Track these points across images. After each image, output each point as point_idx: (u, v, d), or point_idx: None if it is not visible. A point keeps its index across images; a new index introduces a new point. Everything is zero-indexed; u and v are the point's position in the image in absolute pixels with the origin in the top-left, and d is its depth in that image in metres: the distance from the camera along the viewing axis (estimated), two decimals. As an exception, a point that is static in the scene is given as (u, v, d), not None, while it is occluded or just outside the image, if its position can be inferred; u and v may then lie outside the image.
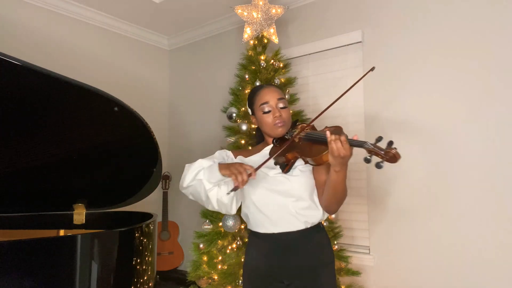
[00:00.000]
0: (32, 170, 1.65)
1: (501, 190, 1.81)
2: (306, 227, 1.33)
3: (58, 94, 1.44)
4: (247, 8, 2.23)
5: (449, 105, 1.97)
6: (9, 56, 1.23)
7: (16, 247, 1.26)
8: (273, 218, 1.34)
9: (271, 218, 1.35)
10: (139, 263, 1.59)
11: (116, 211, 2.05)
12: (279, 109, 1.39)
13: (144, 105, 3.20)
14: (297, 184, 1.33)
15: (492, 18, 1.87)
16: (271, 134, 1.42)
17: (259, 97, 1.42)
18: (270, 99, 1.39)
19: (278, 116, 1.37)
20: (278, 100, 1.40)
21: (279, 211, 1.33)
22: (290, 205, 1.32)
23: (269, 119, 1.38)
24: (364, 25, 2.32)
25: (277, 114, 1.37)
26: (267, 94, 1.41)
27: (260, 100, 1.41)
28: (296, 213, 1.32)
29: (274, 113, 1.38)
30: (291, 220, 1.32)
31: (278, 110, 1.38)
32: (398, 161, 1.00)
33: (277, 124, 1.37)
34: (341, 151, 1.08)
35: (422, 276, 2.01)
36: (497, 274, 1.80)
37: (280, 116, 1.37)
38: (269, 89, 1.43)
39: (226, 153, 1.47)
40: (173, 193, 3.37)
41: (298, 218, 1.32)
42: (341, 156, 1.09)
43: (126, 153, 1.76)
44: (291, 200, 1.32)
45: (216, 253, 1.99)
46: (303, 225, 1.33)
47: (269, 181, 1.35)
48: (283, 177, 1.34)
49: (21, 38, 2.53)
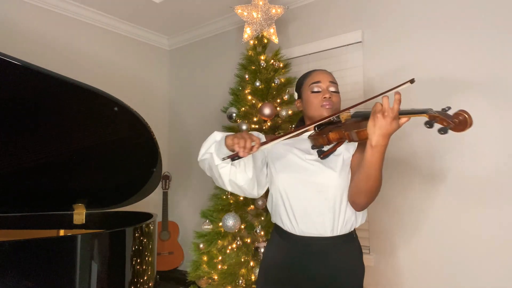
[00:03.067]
0: (32, 170, 1.65)
1: (503, 189, 1.81)
2: (337, 234, 1.16)
3: (58, 94, 1.44)
4: (247, 8, 2.23)
5: (449, 105, 1.97)
6: (9, 56, 1.23)
7: (16, 247, 1.25)
8: (298, 216, 1.17)
9: (296, 215, 1.17)
10: (139, 263, 1.59)
11: (116, 211, 2.05)
12: (330, 92, 1.27)
13: (144, 105, 3.20)
14: (337, 179, 1.14)
15: (492, 18, 1.87)
16: (315, 115, 1.25)
17: (311, 77, 1.31)
18: (322, 79, 1.28)
19: (328, 98, 1.24)
20: (330, 83, 1.28)
21: (307, 208, 1.16)
22: (322, 203, 1.14)
23: (317, 99, 1.25)
24: (364, 25, 2.32)
25: (327, 95, 1.25)
26: (320, 75, 1.30)
27: (311, 79, 1.30)
28: (327, 214, 1.14)
29: (324, 94, 1.25)
30: (320, 222, 1.15)
31: (328, 92, 1.26)
32: (468, 128, 0.85)
33: (325, 105, 1.23)
34: (388, 111, 0.93)
35: (422, 276, 2.01)
36: (498, 273, 1.79)
37: (329, 98, 1.24)
38: (322, 71, 1.33)
39: (259, 134, 1.29)
40: (173, 193, 3.37)
41: (328, 221, 1.14)
42: (384, 117, 0.94)
43: (126, 153, 1.76)
44: (325, 197, 1.14)
45: (216, 253, 1.99)
46: (332, 232, 1.15)
47: (302, 168, 1.18)
48: (321, 165, 1.16)
49: (21, 38, 2.53)
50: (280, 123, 2.14)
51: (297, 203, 1.18)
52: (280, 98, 2.17)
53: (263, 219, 1.96)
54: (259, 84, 2.13)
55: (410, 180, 2.08)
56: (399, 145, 2.11)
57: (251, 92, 2.17)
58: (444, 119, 0.88)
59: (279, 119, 2.14)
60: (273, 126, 2.13)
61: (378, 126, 0.97)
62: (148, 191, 1.93)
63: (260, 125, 2.14)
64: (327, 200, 1.15)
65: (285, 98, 2.16)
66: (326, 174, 1.16)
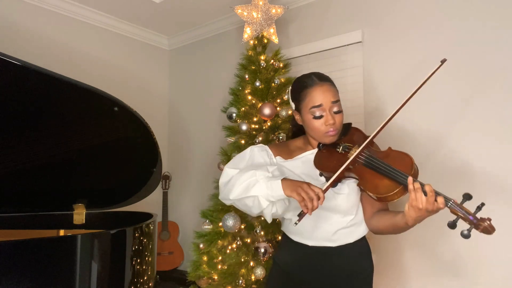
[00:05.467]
0: (32, 170, 1.65)
1: (502, 189, 1.80)
2: (345, 243, 1.21)
3: (58, 94, 1.44)
4: (247, 8, 2.23)
5: (449, 105, 1.97)
6: (9, 56, 1.23)
7: (16, 247, 1.26)
8: (310, 232, 1.22)
9: (309, 231, 1.22)
10: (139, 263, 1.59)
11: (116, 211, 2.05)
12: (332, 114, 1.15)
13: (144, 105, 3.20)
14: (345, 203, 1.18)
15: (492, 18, 1.87)
16: (318, 140, 1.22)
17: (310, 97, 1.17)
18: (324, 101, 1.15)
19: (332, 124, 1.15)
20: (333, 104, 1.16)
21: (320, 226, 1.20)
22: (334, 222, 1.19)
23: (321, 126, 1.16)
24: (364, 25, 2.32)
25: (331, 121, 1.14)
26: (321, 95, 1.15)
27: (311, 101, 1.16)
28: (338, 231, 1.19)
29: (327, 120, 1.15)
30: (331, 237, 1.20)
31: (331, 116, 1.15)
32: (492, 234, 0.84)
33: (329, 133, 1.16)
34: (427, 205, 0.92)
35: (423, 276, 2.01)
36: (498, 273, 1.79)
37: (333, 124, 1.15)
38: (323, 87, 1.17)
39: (267, 152, 1.26)
40: (173, 193, 3.37)
41: (339, 236, 1.20)
42: (427, 211, 0.93)
43: (126, 153, 1.76)
44: (336, 217, 1.19)
45: (216, 253, 1.99)
46: (342, 242, 1.21)
47: None
48: (329, 191, 1.15)
49: (21, 38, 2.53)
50: (280, 123, 2.14)
51: (311, 224, 1.21)
52: (280, 98, 2.17)
53: (263, 219, 1.96)
54: (259, 84, 2.13)
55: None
56: (401, 145, 2.10)
57: (251, 92, 2.17)
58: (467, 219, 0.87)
59: (279, 119, 2.14)
60: (273, 126, 2.13)
61: (418, 215, 0.98)
62: (148, 191, 1.93)
63: (260, 125, 2.14)
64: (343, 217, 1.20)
65: (285, 98, 2.16)
66: (338, 199, 1.18)
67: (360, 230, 1.24)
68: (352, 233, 1.22)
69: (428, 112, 2.02)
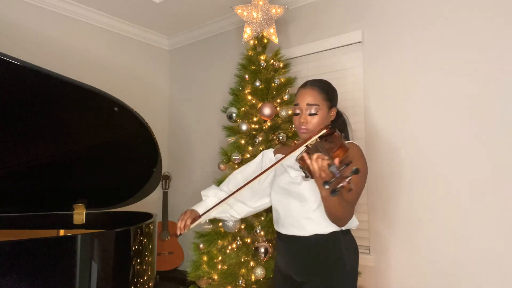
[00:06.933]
0: (32, 170, 1.65)
1: (501, 191, 1.81)
2: (316, 233, 1.30)
3: (58, 94, 1.44)
4: (247, 8, 2.23)
5: (450, 105, 1.97)
6: (9, 56, 1.24)
7: (16, 247, 1.26)
8: (282, 219, 1.37)
9: (281, 219, 1.38)
10: (139, 263, 1.59)
11: (116, 211, 2.05)
12: (305, 115, 1.35)
13: (144, 105, 3.20)
14: (308, 191, 1.30)
15: (492, 18, 1.87)
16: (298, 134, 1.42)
17: (296, 95, 1.41)
18: (301, 101, 1.37)
19: (303, 122, 1.35)
20: (308, 106, 1.35)
21: (288, 213, 1.34)
22: (299, 209, 1.31)
23: (296, 121, 1.39)
24: (364, 25, 2.32)
25: (302, 120, 1.35)
26: (300, 96, 1.38)
27: (295, 99, 1.41)
28: (303, 219, 1.30)
29: (300, 118, 1.36)
30: (297, 224, 1.32)
31: (305, 116, 1.35)
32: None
33: (301, 130, 1.36)
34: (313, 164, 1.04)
35: (423, 276, 2.01)
36: (499, 274, 1.79)
37: (305, 122, 1.35)
38: (304, 90, 1.39)
39: (263, 155, 1.55)
40: (173, 193, 3.37)
41: (304, 224, 1.30)
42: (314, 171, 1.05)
43: (126, 153, 1.76)
44: (302, 205, 1.31)
45: (216, 253, 1.99)
46: (311, 232, 1.30)
47: (287, 181, 1.37)
48: (301, 180, 1.32)
49: (21, 38, 2.53)
50: (280, 123, 2.14)
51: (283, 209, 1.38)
52: (280, 98, 2.17)
53: (263, 219, 1.96)
54: (259, 84, 2.13)
55: (411, 179, 2.08)
56: (401, 144, 2.11)
57: (251, 92, 2.17)
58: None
59: (279, 119, 2.14)
60: (273, 126, 2.13)
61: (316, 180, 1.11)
62: (148, 191, 1.93)
63: (260, 125, 2.14)
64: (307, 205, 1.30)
65: (285, 98, 2.16)
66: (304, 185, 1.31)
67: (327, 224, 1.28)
68: (319, 224, 1.28)
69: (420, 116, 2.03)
